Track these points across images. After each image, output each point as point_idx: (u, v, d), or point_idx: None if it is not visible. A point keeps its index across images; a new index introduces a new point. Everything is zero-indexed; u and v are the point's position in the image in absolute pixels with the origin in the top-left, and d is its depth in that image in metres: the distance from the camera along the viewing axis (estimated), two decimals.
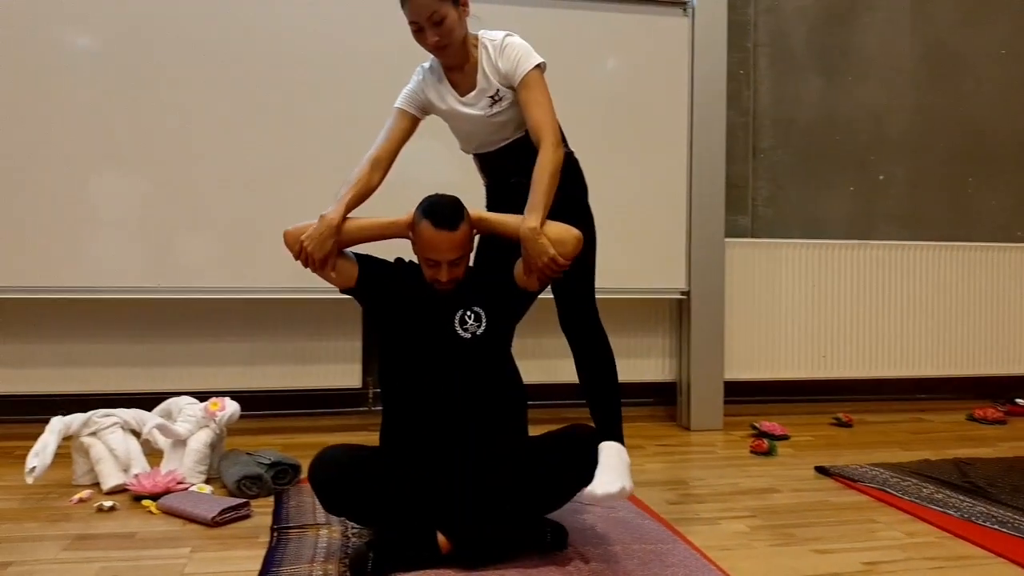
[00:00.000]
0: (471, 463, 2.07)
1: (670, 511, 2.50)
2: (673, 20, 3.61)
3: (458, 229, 2.02)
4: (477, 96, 2.19)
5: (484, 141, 2.27)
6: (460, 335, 2.11)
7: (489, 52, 2.16)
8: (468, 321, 2.12)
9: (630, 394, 3.90)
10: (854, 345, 4.02)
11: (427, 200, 2.07)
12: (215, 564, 2.06)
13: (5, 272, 3.14)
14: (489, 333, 2.13)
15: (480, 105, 2.19)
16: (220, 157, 3.27)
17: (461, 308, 2.12)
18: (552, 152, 2.08)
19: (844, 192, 4.18)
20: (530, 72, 2.13)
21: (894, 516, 2.48)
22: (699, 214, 3.66)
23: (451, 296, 2.11)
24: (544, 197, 2.04)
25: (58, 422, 2.64)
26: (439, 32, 2.08)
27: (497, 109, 2.18)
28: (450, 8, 2.08)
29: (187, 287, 3.26)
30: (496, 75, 2.16)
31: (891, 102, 4.21)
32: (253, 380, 3.42)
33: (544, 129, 2.10)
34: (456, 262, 2.05)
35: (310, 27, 3.32)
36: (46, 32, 3.15)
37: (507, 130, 2.22)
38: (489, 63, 2.16)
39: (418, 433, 2.12)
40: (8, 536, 2.23)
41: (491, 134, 2.24)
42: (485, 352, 2.13)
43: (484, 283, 2.16)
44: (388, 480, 2.01)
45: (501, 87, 2.16)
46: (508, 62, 2.13)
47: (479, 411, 2.11)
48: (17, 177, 3.14)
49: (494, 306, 2.14)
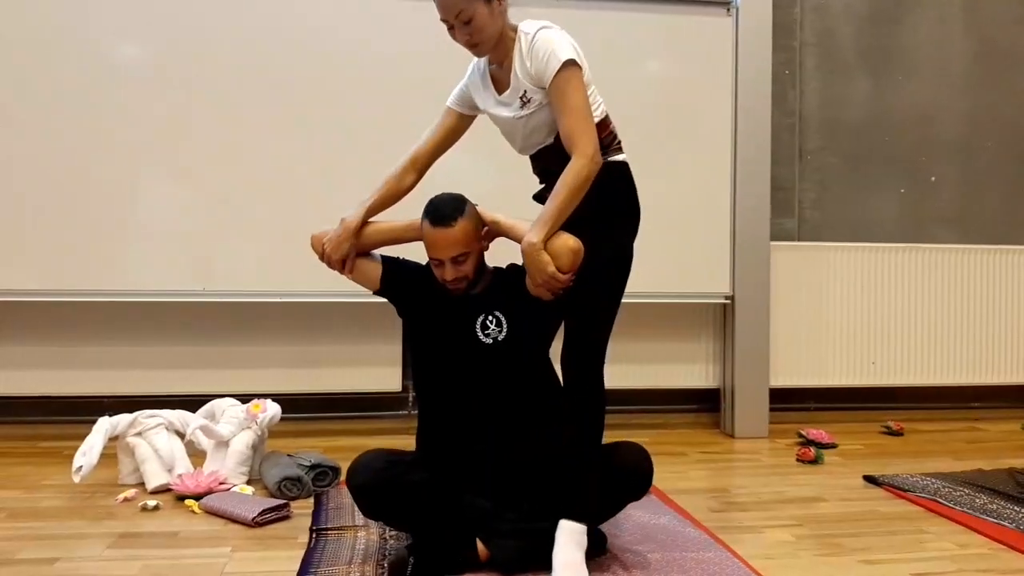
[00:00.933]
0: (498, 469, 2.05)
1: (712, 519, 2.45)
2: (716, 20, 3.57)
3: (454, 226, 1.97)
4: (511, 96, 2.02)
5: (523, 144, 2.11)
6: (482, 340, 2.08)
7: (521, 48, 1.96)
8: (490, 327, 2.08)
9: (673, 400, 3.87)
10: (905, 351, 3.91)
11: (430, 200, 2.05)
12: (254, 564, 2.07)
13: (55, 277, 3.22)
14: (511, 339, 2.07)
15: (513, 106, 2.02)
16: (264, 165, 3.31)
17: (483, 313, 2.09)
18: (580, 163, 1.88)
19: (894, 194, 4.08)
20: (559, 73, 1.91)
21: (945, 527, 2.40)
22: (743, 217, 3.60)
23: (475, 300, 2.09)
24: (555, 211, 1.89)
25: (105, 422, 2.69)
26: (469, 31, 1.94)
27: (526, 111, 2.00)
28: (480, 5, 1.92)
29: (231, 291, 3.31)
30: (526, 75, 1.97)
31: (942, 102, 4.10)
32: (294, 383, 3.45)
33: (574, 138, 1.91)
34: (459, 259, 2.00)
35: (351, 34, 3.34)
36: (96, 44, 3.22)
37: (540, 134, 2.04)
38: (520, 61, 1.97)
39: (446, 437, 2.12)
40: (55, 533, 2.27)
41: (526, 137, 2.07)
42: (507, 359, 2.07)
43: (509, 287, 2.10)
44: (425, 487, 2.00)
45: (530, 87, 1.97)
46: (537, 61, 1.93)
47: (502, 417, 2.08)
48: (65, 185, 3.22)
49: (516, 312, 2.08)
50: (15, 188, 3.19)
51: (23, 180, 3.19)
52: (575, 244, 1.91)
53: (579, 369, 2.00)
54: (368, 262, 2.14)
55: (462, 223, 1.99)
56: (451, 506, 2.02)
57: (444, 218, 1.98)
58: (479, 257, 2.07)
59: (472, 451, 2.08)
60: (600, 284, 1.98)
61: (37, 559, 2.08)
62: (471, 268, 2.04)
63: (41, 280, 3.21)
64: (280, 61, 3.31)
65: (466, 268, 2.02)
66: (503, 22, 1.98)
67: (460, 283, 2.04)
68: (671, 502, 2.58)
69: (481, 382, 2.09)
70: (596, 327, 2.01)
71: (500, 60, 2.03)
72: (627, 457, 2.06)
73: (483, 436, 2.08)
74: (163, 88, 3.26)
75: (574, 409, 2.01)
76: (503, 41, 2.00)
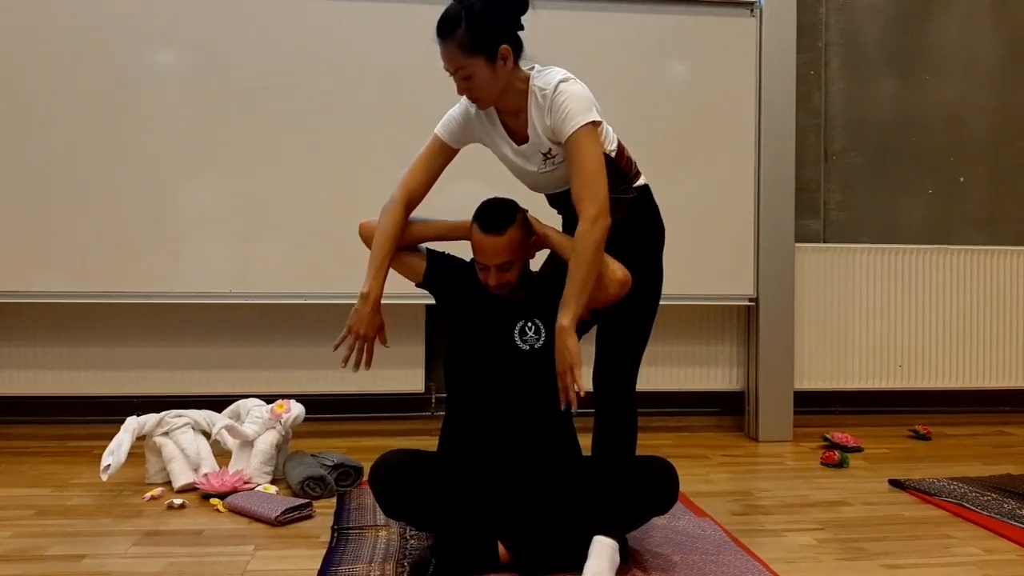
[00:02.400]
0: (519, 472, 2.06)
1: (734, 522, 2.44)
2: (739, 21, 3.55)
3: (504, 234, 1.96)
4: (531, 149, 1.98)
5: (542, 189, 2.10)
6: (519, 347, 2.08)
7: (539, 103, 1.91)
8: (528, 333, 2.09)
9: (696, 403, 3.85)
10: (933, 354, 3.86)
11: (483, 203, 2.05)
12: (277, 562, 2.10)
13: (86, 279, 3.27)
14: (548, 348, 2.02)
15: (535, 160, 1.99)
16: (293, 169, 3.34)
17: (523, 319, 2.09)
18: (589, 230, 1.84)
19: (921, 195, 4.03)
20: (577, 131, 1.85)
21: (971, 532, 2.37)
22: (768, 218, 3.58)
23: (516, 305, 2.09)
24: (579, 289, 1.85)
25: (133, 422, 2.73)
26: (469, 86, 1.91)
27: (550, 167, 1.98)
28: (481, 65, 1.86)
29: (258, 292, 3.34)
30: (545, 130, 1.92)
31: (971, 101, 4.04)
32: (318, 384, 3.48)
33: (583, 200, 1.86)
34: (504, 267, 2.00)
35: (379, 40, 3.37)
36: (133, 51, 3.28)
37: (558, 184, 2.03)
38: (539, 116, 1.92)
39: (471, 436, 2.13)
40: (83, 530, 2.31)
41: (549, 187, 2.07)
42: (542, 367, 2.03)
43: (549, 293, 2.06)
44: (447, 487, 2.02)
45: (551, 144, 1.93)
46: (556, 117, 1.88)
47: (528, 422, 2.08)
48: (95, 189, 3.27)
49: (554, 320, 2.05)
50: (49, 191, 3.25)
51: (56, 183, 3.25)
52: (623, 275, 1.93)
53: (612, 388, 2.02)
54: (412, 255, 2.14)
55: (511, 232, 1.98)
56: (473, 507, 2.03)
57: (495, 225, 1.97)
58: (524, 265, 2.07)
59: (494, 453, 2.08)
60: (634, 307, 2.00)
61: (65, 555, 2.12)
62: (515, 276, 2.03)
63: (72, 282, 3.27)
64: (310, 68, 3.34)
65: (510, 276, 2.02)
66: (507, 77, 1.92)
67: (503, 289, 2.04)
68: (693, 505, 2.57)
69: (513, 387, 2.09)
70: (629, 348, 2.03)
71: (512, 110, 1.98)
72: (655, 473, 2.07)
73: (508, 439, 2.08)
74: (196, 94, 3.31)
75: (606, 426, 2.02)
76: (511, 93, 1.94)
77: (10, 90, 3.23)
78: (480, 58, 1.86)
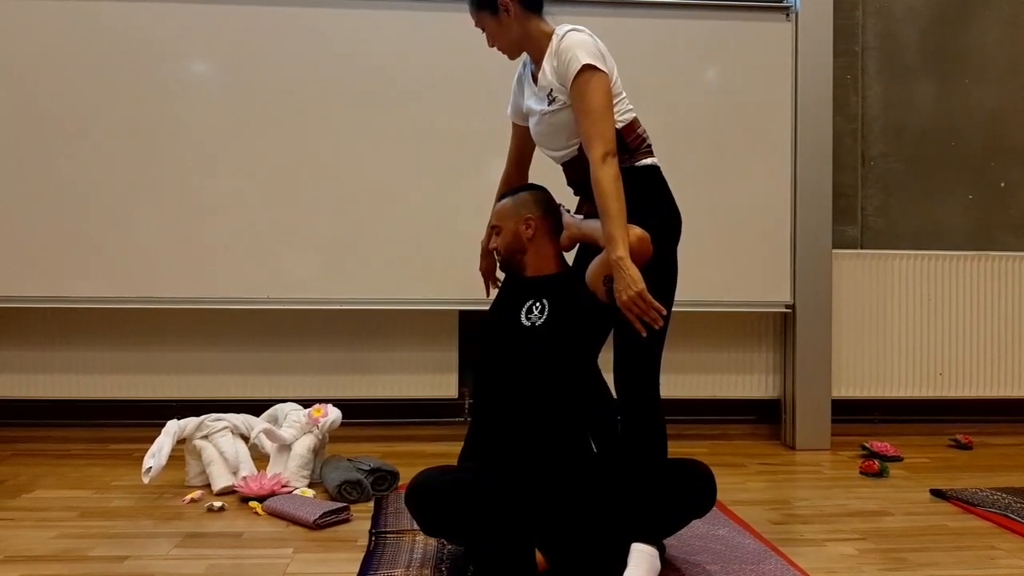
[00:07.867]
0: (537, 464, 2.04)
1: (773, 531, 2.41)
2: (775, 25, 3.53)
3: (501, 201, 2.20)
4: (541, 91, 2.06)
5: (547, 146, 2.16)
6: (523, 323, 2.11)
7: (552, 48, 2.01)
8: (533, 311, 2.11)
9: (732, 411, 3.82)
10: (974, 362, 3.80)
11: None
12: (316, 565, 2.11)
13: (127, 284, 3.32)
14: (550, 325, 2.06)
15: (542, 99, 2.06)
16: (327, 175, 3.38)
17: (532, 299, 2.13)
18: (601, 167, 1.89)
19: (961, 201, 3.97)
20: (579, 75, 1.93)
21: (1017, 543, 2.32)
22: (804, 224, 3.55)
23: (529, 285, 2.15)
24: (615, 223, 1.86)
25: (173, 425, 2.77)
26: (488, 38, 2.11)
27: (551, 108, 2.04)
28: (487, 18, 2.06)
29: (295, 298, 3.37)
30: (553, 74, 2.01)
31: (1013, 105, 3.98)
32: (354, 389, 3.51)
33: (591, 139, 1.92)
34: (495, 229, 2.18)
35: (411, 48, 3.39)
36: (169, 59, 3.33)
37: (561, 136, 2.08)
38: (549, 60, 2.02)
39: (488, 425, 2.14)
40: (124, 532, 2.35)
41: (549, 138, 2.12)
42: (544, 343, 2.04)
43: (566, 282, 2.12)
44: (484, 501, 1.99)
45: (556, 86, 2.01)
46: (560, 62, 1.98)
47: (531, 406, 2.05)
48: (133, 194, 3.33)
49: (562, 303, 2.09)
50: (85, 198, 3.31)
51: (91, 190, 3.31)
52: (639, 231, 1.91)
53: (634, 385, 2.01)
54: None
55: (507, 202, 2.18)
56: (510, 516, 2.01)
57: (504, 195, 2.23)
58: (512, 241, 2.15)
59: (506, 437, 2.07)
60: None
61: (107, 556, 2.15)
62: (501, 244, 2.17)
63: (113, 288, 3.32)
64: (342, 75, 3.37)
65: (497, 241, 2.18)
66: (521, 28, 2.06)
67: (497, 254, 2.22)
68: (730, 513, 2.55)
69: (515, 365, 2.09)
70: (648, 346, 1.97)
71: (537, 60, 2.09)
72: (691, 475, 2.05)
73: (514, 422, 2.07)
74: (234, 103, 3.35)
75: (633, 427, 2.01)
76: (534, 43, 2.07)
77: (49, 101, 3.29)
78: (485, 12, 2.06)
